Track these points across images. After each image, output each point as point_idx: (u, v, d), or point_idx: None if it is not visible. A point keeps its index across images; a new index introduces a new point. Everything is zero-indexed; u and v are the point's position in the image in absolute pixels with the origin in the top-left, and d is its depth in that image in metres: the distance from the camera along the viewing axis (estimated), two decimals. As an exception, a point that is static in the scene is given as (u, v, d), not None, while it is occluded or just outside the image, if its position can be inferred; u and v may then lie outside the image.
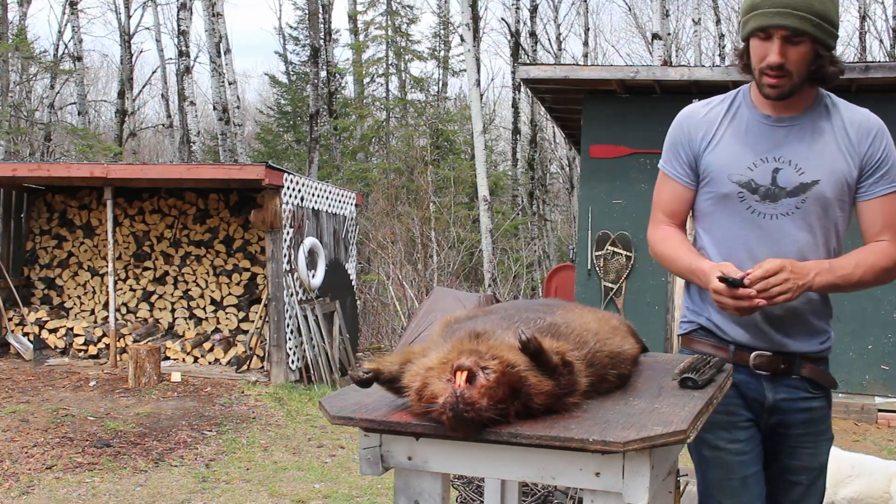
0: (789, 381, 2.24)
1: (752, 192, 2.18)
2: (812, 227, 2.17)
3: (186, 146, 19.62)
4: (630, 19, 27.76)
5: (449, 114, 20.87)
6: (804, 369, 2.24)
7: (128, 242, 10.05)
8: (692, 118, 2.31)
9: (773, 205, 2.17)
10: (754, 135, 2.20)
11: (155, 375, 8.18)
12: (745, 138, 2.21)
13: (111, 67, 30.44)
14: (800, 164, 2.16)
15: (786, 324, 2.22)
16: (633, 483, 1.59)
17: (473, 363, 1.60)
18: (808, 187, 2.15)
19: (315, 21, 19.16)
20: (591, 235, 8.44)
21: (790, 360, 2.23)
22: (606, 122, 8.37)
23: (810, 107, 2.19)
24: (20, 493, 5.15)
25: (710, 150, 2.25)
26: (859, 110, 2.22)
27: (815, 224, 2.17)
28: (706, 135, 2.26)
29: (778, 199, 2.17)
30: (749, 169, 2.19)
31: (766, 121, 2.20)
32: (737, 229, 2.22)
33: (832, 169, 2.15)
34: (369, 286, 14.59)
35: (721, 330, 2.26)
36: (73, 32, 19.88)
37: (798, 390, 2.25)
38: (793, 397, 2.25)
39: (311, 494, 5.32)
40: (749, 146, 2.20)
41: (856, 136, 2.17)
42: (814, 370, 2.25)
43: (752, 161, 2.19)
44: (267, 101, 27.95)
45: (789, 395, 2.24)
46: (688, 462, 5.74)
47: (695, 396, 1.86)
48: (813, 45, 2.06)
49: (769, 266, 2.04)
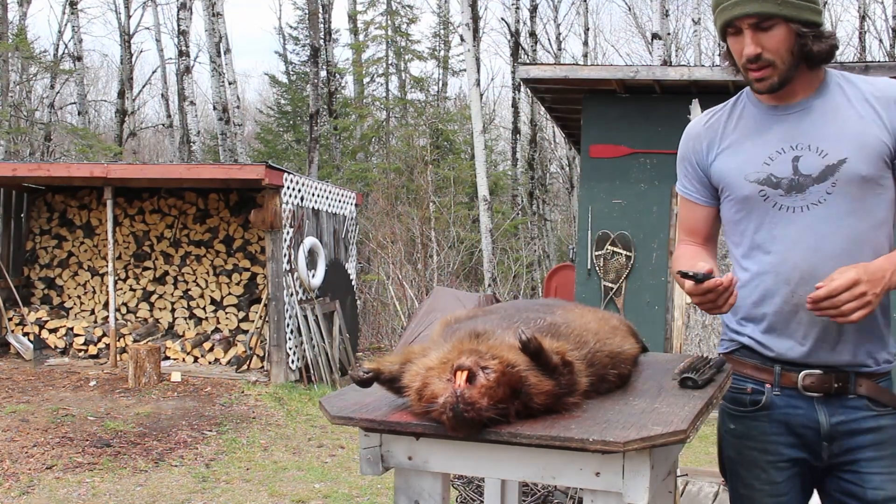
0: (845, 402, 1.98)
1: (774, 187, 1.97)
2: (854, 210, 1.92)
3: (186, 146, 19.62)
4: (630, 19, 27.78)
5: (449, 114, 20.87)
6: (860, 387, 1.97)
7: (128, 242, 10.05)
8: (694, 130, 2.16)
9: (801, 196, 1.95)
10: (765, 129, 2.02)
11: (155, 375, 8.18)
12: (756, 135, 2.03)
13: (111, 67, 30.46)
14: (821, 146, 1.94)
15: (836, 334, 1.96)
16: (633, 483, 1.59)
17: (473, 363, 1.60)
18: (835, 168, 1.92)
19: (315, 21, 19.16)
20: (591, 235, 8.44)
21: (843, 378, 1.97)
22: (606, 122, 8.38)
23: (819, 87, 2.00)
24: (20, 493, 5.15)
25: (719, 157, 2.08)
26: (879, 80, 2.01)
27: (856, 207, 1.92)
28: (711, 143, 2.10)
29: (805, 189, 1.94)
30: (766, 164, 1.99)
31: (775, 111, 2.01)
32: (766, 233, 2.00)
33: (860, 143, 1.92)
34: (369, 286, 14.59)
35: (764, 346, 2.03)
36: (73, 32, 19.88)
37: (858, 410, 1.97)
38: (853, 418, 1.97)
39: (311, 494, 5.32)
40: (761, 141, 2.01)
41: (881, 104, 1.94)
42: (872, 388, 1.98)
43: (767, 155, 1.99)
44: (267, 101, 27.96)
45: (847, 416, 1.97)
46: (688, 462, 5.74)
47: (695, 396, 1.86)
48: (788, 26, 1.89)
49: (840, 282, 1.80)
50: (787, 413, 2.00)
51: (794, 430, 2.00)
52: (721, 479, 4.34)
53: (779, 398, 2.01)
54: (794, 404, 2.00)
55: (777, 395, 2.01)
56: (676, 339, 8.22)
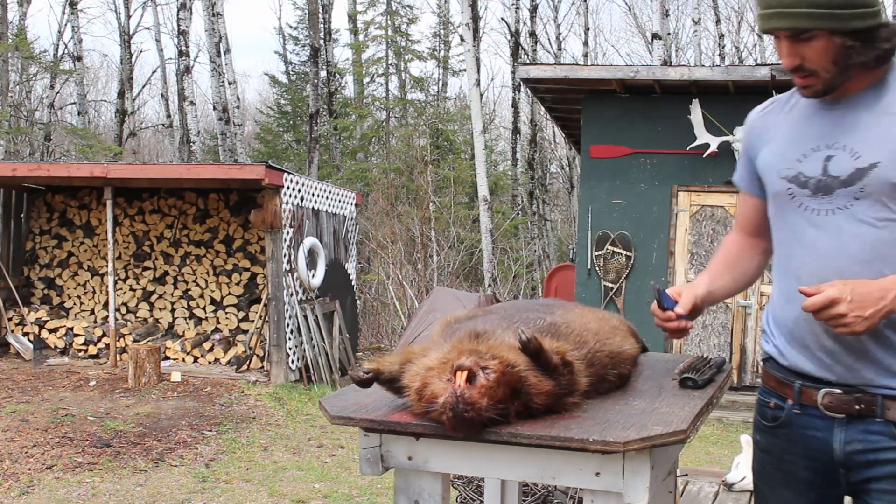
0: (869, 426, 1.79)
1: (802, 186, 1.85)
2: (880, 220, 1.77)
3: (186, 146, 19.62)
4: (630, 19, 27.78)
5: (449, 114, 20.86)
6: (889, 411, 1.77)
7: (128, 242, 10.05)
8: (751, 118, 2.06)
9: (827, 198, 1.81)
10: (809, 123, 1.89)
11: (155, 375, 8.18)
12: (799, 128, 1.90)
13: (111, 67, 30.44)
14: (856, 147, 1.79)
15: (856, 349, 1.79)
16: (633, 483, 1.59)
17: (473, 363, 1.61)
18: (864, 172, 1.77)
19: (315, 21, 19.16)
20: (591, 235, 8.44)
21: (869, 400, 1.78)
22: (606, 122, 8.38)
23: (878, 82, 1.81)
24: (20, 493, 5.15)
25: (764, 149, 1.96)
26: None
27: (883, 217, 1.76)
28: (762, 132, 1.99)
29: (832, 192, 1.80)
30: (798, 161, 1.87)
31: (823, 104, 1.87)
32: (789, 233, 1.89)
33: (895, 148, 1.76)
34: (369, 286, 14.58)
35: (783, 356, 1.91)
36: (73, 32, 19.88)
37: (881, 437, 1.78)
38: (872, 447, 1.78)
39: (311, 494, 5.32)
40: (801, 136, 1.89)
41: None
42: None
43: (801, 152, 1.87)
44: (267, 101, 27.95)
45: (867, 444, 1.78)
46: (688, 462, 5.74)
47: (695, 396, 1.86)
48: (830, 38, 1.72)
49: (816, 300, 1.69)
50: (804, 434, 1.87)
51: (811, 452, 1.87)
52: (721, 480, 4.34)
53: (798, 416, 1.88)
54: (813, 424, 1.86)
55: (797, 413, 1.89)
56: (676, 339, 8.22)
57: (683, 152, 8.12)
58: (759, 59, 23.20)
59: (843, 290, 1.68)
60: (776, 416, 1.94)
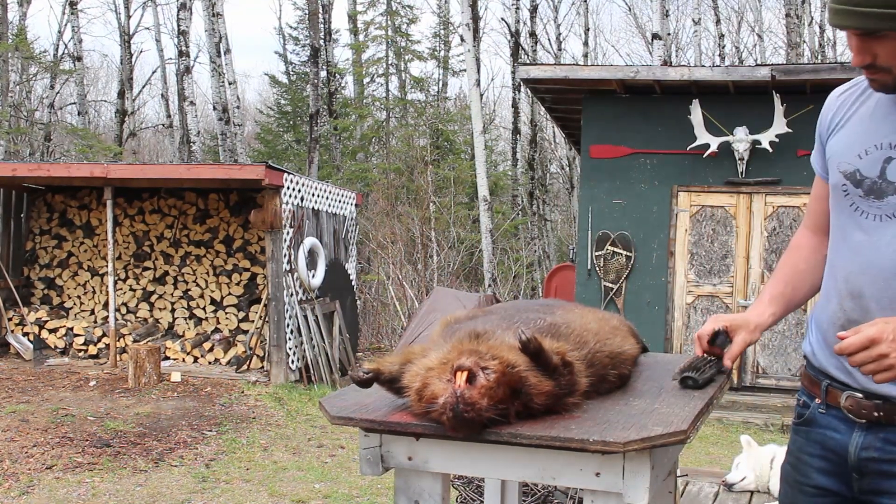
0: (888, 436, 1.71)
1: (857, 185, 1.75)
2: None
3: (186, 146, 19.61)
4: (630, 19, 27.77)
5: (449, 114, 20.87)
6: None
7: (128, 242, 10.05)
8: (830, 99, 1.92)
9: (877, 202, 1.71)
10: (880, 116, 1.76)
11: (155, 375, 8.18)
12: (869, 121, 1.78)
13: (111, 67, 30.46)
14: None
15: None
16: (633, 483, 1.59)
17: (474, 363, 1.60)
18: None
19: (315, 21, 19.16)
20: (591, 235, 8.44)
21: (889, 409, 1.71)
22: (606, 122, 8.38)
23: None
24: (20, 493, 5.15)
25: (835, 135, 1.85)
26: None
27: None
28: (835, 116, 1.87)
29: (884, 196, 1.70)
30: (859, 157, 1.76)
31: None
32: (838, 231, 1.81)
33: None
34: (369, 286, 14.59)
35: (816, 357, 1.86)
36: (73, 32, 19.88)
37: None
38: (888, 457, 1.71)
39: (311, 494, 5.32)
40: (868, 130, 1.77)
41: None
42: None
43: (864, 147, 1.76)
44: (267, 101, 27.96)
45: (883, 453, 1.72)
46: (688, 462, 5.74)
47: (695, 396, 1.86)
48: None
49: (855, 340, 1.56)
50: (824, 434, 1.82)
51: (827, 454, 1.82)
52: (721, 480, 4.34)
53: (822, 416, 1.83)
54: (835, 426, 1.80)
55: (822, 413, 1.84)
56: (676, 339, 8.22)
57: (683, 152, 8.12)
58: (759, 59, 23.21)
59: (883, 328, 1.55)
60: (801, 414, 1.91)
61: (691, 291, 8.21)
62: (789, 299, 2.00)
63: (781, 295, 2.00)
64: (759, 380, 8.05)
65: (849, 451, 1.76)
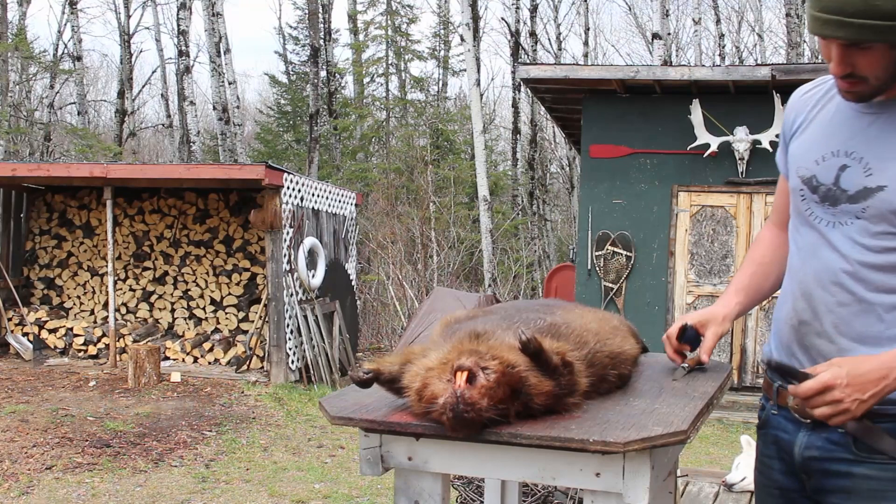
0: (830, 436, 1.71)
1: (813, 190, 1.76)
2: (878, 248, 1.66)
3: (186, 146, 19.61)
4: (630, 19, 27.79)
5: (449, 114, 20.88)
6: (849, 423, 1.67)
7: (128, 242, 10.05)
8: (793, 99, 1.92)
9: (832, 209, 1.72)
10: (837, 122, 1.77)
11: (155, 375, 8.18)
12: (828, 126, 1.78)
13: (111, 67, 30.46)
14: (871, 162, 1.68)
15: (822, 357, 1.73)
16: (633, 483, 1.59)
17: (474, 363, 1.60)
18: (870, 193, 1.66)
19: (315, 21, 19.16)
20: (591, 235, 8.44)
21: None
22: (606, 122, 8.38)
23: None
24: (20, 493, 5.14)
25: (797, 138, 1.86)
26: None
27: (882, 246, 1.65)
28: (798, 117, 1.87)
29: (838, 204, 1.71)
30: (816, 163, 1.76)
31: (856, 106, 1.74)
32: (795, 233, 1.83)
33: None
34: (369, 286, 14.58)
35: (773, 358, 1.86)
36: (73, 32, 19.88)
37: (838, 448, 1.70)
38: (828, 456, 1.71)
39: (311, 494, 5.32)
40: (827, 136, 1.77)
41: None
42: (863, 427, 1.66)
43: (821, 154, 1.76)
44: (267, 101, 27.96)
45: (823, 452, 1.72)
46: (688, 462, 5.74)
47: (695, 397, 1.85)
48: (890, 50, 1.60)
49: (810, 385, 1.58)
50: (777, 434, 1.84)
51: (783, 454, 1.83)
52: (721, 480, 4.34)
53: (774, 417, 1.85)
54: (784, 426, 1.82)
55: (774, 414, 1.86)
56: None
57: (683, 152, 8.12)
58: (759, 59, 23.21)
59: (837, 374, 1.56)
60: (760, 416, 1.94)
61: (691, 291, 8.21)
62: (756, 290, 2.04)
63: (748, 286, 2.04)
64: (760, 380, 8.05)
65: (794, 451, 1.78)
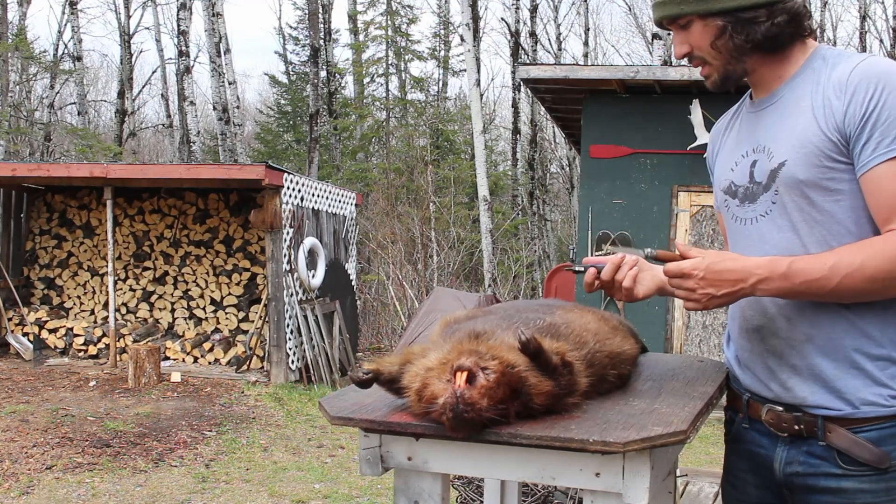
0: (812, 449, 1.65)
1: (733, 196, 1.76)
2: (794, 225, 1.63)
3: (186, 146, 19.62)
4: (630, 19, 27.76)
5: (449, 114, 20.88)
6: (830, 434, 1.62)
7: (128, 242, 10.05)
8: (710, 134, 1.95)
9: (752, 206, 1.71)
10: (743, 130, 1.79)
11: (155, 375, 8.18)
12: (736, 137, 1.81)
13: (111, 67, 30.47)
14: (771, 146, 1.67)
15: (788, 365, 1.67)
16: (633, 483, 1.59)
17: (473, 363, 1.60)
18: (776, 173, 1.64)
19: (315, 21, 19.16)
20: (591, 235, 8.44)
21: (809, 421, 1.65)
22: (606, 122, 8.38)
23: (795, 74, 1.68)
24: (20, 493, 5.14)
25: (716, 162, 1.88)
26: (852, 59, 1.61)
27: (797, 221, 1.63)
28: (714, 146, 1.91)
29: (756, 198, 1.70)
30: (731, 170, 1.78)
31: (752, 108, 1.77)
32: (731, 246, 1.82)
33: (802, 142, 1.60)
34: (369, 286, 14.59)
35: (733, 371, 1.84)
36: (73, 32, 19.88)
37: (823, 462, 1.64)
38: (811, 472, 1.65)
39: (311, 494, 5.32)
40: (736, 144, 1.79)
41: (835, 91, 1.59)
42: (845, 438, 1.60)
43: (734, 160, 1.78)
44: (267, 101, 27.97)
45: (807, 468, 1.66)
46: (688, 462, 5.74)
47: (695, 397, 1.85)
48: (702, 22, 1.65)
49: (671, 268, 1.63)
50: (751, 450, 1.79)
51: (759, 469, 1.77)
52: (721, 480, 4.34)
53: (746, 431, 1.80)
54: (758, 441, 1.76)
55: (745, 427, 1.81)
56: (676, 339, 8.22)
57: (683, 152, 8.12)
58: (759, 60, 23.16)
59: (697, 265, 1.60)
60: (729, 430, 1.89)
61: (691, 291, 8.19)
62: None
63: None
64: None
65: (774, 466, 1.72)
